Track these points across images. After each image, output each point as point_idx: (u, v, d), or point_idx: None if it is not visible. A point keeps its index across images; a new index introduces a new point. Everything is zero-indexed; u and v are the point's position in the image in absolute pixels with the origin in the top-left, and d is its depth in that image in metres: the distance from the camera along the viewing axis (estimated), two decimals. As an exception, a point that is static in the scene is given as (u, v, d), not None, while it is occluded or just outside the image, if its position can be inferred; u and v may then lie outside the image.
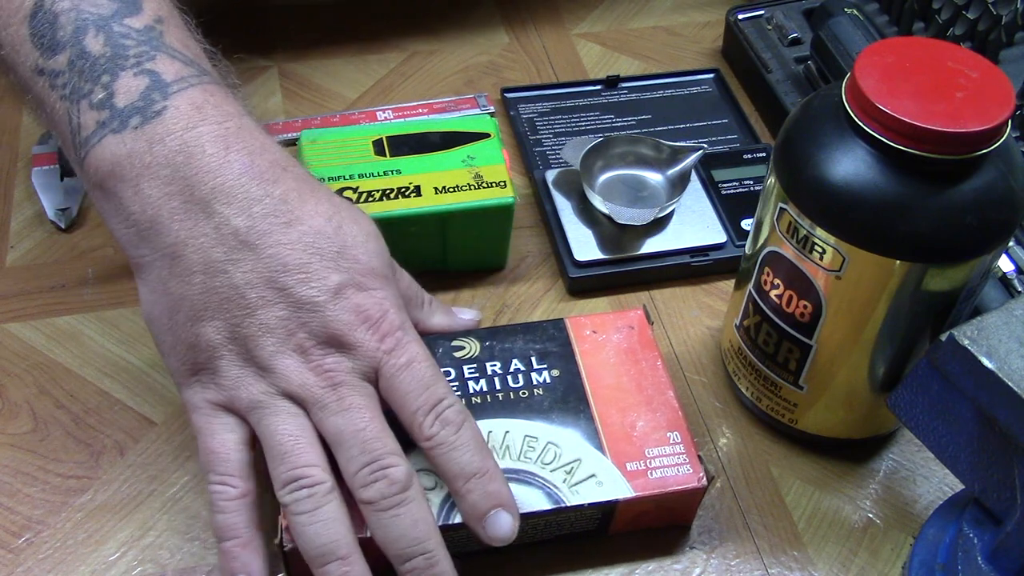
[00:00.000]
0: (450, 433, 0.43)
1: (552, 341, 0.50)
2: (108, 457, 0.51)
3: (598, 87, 0.72)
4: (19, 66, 0.44)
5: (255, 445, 0.44)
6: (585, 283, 0.59)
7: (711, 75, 0.74)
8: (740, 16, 0.75)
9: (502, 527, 0.42)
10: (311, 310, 0.42)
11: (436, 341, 0.50)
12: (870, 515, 0.51)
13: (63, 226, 0.61)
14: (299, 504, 0.41)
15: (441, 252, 0.58)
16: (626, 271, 0.60)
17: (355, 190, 0.56)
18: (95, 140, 0.43)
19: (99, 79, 0.43)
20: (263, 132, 0.45)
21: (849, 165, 0.42)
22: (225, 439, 0.43)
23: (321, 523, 0.41)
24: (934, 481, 0.52)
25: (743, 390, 0.53)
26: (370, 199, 0.55)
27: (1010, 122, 0.42)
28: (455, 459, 0.42)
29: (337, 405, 0.42)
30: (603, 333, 0.51)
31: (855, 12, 0.68)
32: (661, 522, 0.48)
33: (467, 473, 0.42)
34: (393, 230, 0.55)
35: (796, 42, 0.72)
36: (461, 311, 0.52)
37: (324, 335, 0.43)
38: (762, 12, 0.75)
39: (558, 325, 0.51)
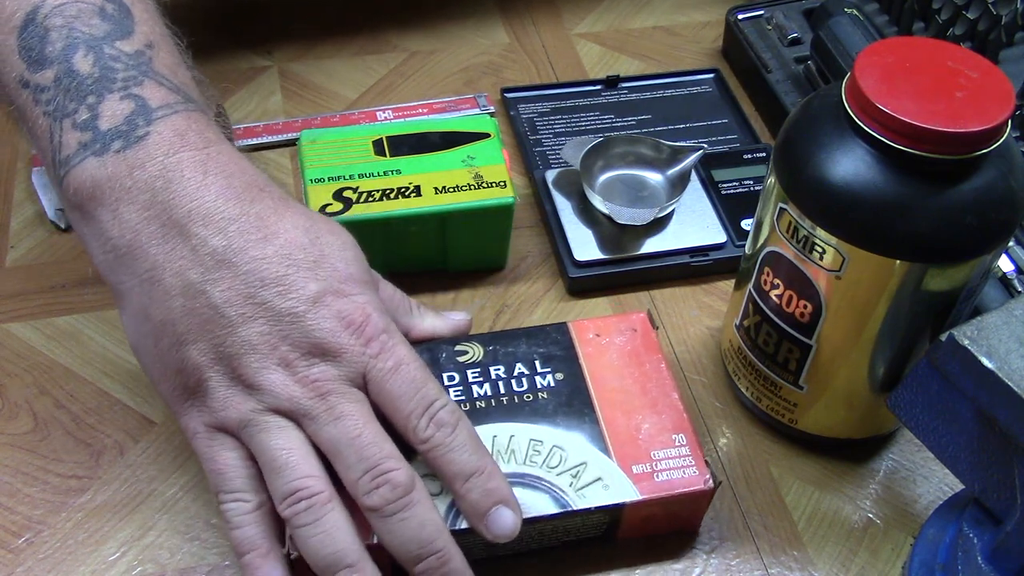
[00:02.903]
0: (445, 435, 0.42)
1: (555, 345, 0.50)
2: (108, 457, 0.51)
3: (598, 87, 0.72)
4: (3, 75, 0.44)
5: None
6: (585, 283, 0.59)
7: (711, 75, 0.74)
8: (740, 16, 0.75)
9: (504, 524, 0.42)
10: (291, 322, 0.42)
11: (439, 346, 0.50)
12: (870, 515, 0.51)
13: (63, 226, 0.61)
14: (299, 517, 0.41)
15: (441, 252, 0.58)
16: (626, 271, 0.60)
17: (355, 190, 0.56)
18: (76, 161, 0.42)
19: (85, 99, 0.43)
20: (242, 157, 0.45)
21: (849, 165, 0.42)
22: (227, 457, 0.43)
23: (324, 534, 0.41)
24: (934, 481, 0.52)
25: (743, 390, 0.53)
26: (370, 199, 0.55)
27: (1010, 122, 0.42)
28: (452, 460, 0.42)
29: (328, 415, 0.42)
30: (606, 336, 0.51)
31: (855, 12, 0.68)
32: (668, 528, 0.48)
33: (466, 473, 0.42)
34: (393, 230, 0.56)
35: (796, 42, 0.72)
36: (451, 313, 0.52)
37: (307, 345, 0.42)
38: (762, 12, 0.75)
39: (561, 329, 0.51)
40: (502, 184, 0.57)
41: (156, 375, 0.44)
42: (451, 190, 0.56)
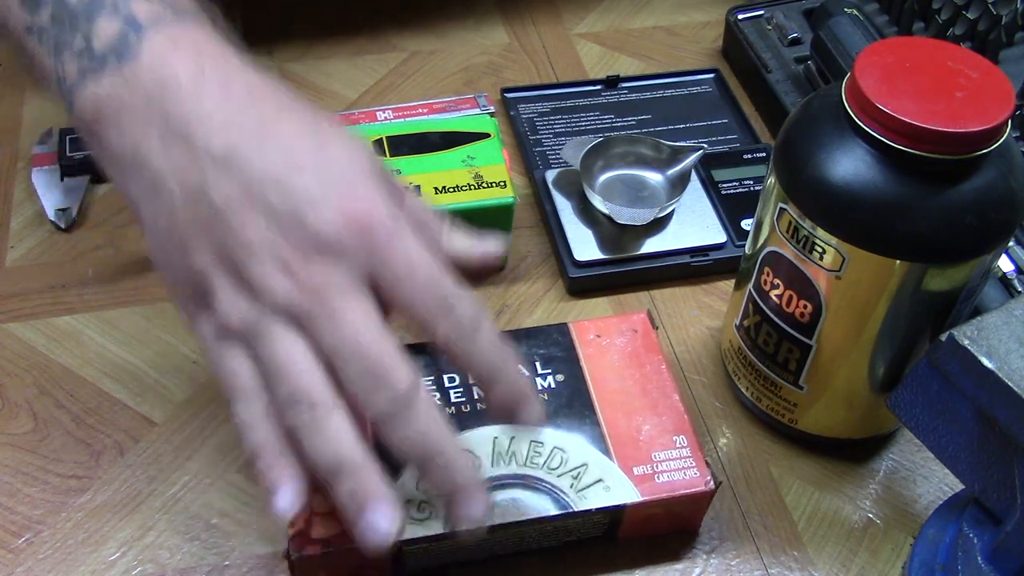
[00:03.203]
0: (464, 335, 0.42)
1: (556, 346, 0.50)
2: (108, 457, 0.51)
3: (598, 87, 0.72)
4: (14, 30, 0.45)
5: None
6: (585, 283, 0.59)
7: (711, 75, 0.74)
8: (740, 16, 0.75)
9: (533, 419, 0.43)
10: (293, 221, 0.41)
11: (438, 349, 0.49)
12: (870, 515, 0.51)
13: (63, 226, 0.61)
14: (301, 421, 0.40)
15: (441, 252, 0.58)
16: (626, 271, 0.60)
17: (355, 190, 0.55)
18: (79, 87, 0.43)
19: (78, 28, 0.43)
20: (242, 60, 0.44)
21: (849, 165, 0.42)
22: (238, 363, 0.42)
23: (326, 438, 0.40)
24: (934, 481, 0.52)
25: (743, 390, 0.53)
26: (370, 199, 0.55)
27: (1010, 122, 0.42)
28: (473, 361, 0.42)
29: (329, 319, 0.41)
30: (607, 337, 0.51)
31: (855, 12, 0.68)
32: (668, 528, 0.48)
33: (488, 371, 0.42)
34: (393, 230, 0.56)
35: (796, 42, 0.72)
36: (483, 241, 0.48)
37: (310, 245, 0.41)
38: (762, 12, 0.75)
39: (561, 330, 0.51)
40: (502, 184, 0.57)
41: (170, 285, 0.43)
42: (451, 190, 0.56)
